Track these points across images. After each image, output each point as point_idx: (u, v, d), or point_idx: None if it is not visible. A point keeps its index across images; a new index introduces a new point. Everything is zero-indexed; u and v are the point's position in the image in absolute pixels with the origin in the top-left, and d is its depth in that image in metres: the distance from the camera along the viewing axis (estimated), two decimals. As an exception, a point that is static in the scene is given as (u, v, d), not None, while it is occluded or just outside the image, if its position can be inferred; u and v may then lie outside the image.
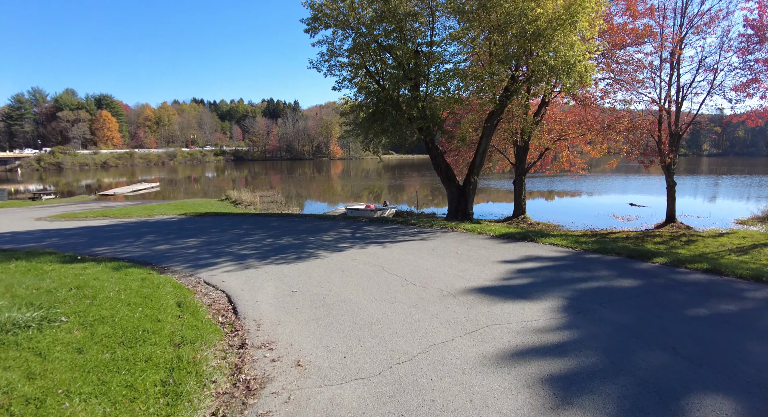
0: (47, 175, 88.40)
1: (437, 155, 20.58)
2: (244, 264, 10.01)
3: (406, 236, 12.86)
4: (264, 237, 13.64)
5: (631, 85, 21.91)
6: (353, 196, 45.49)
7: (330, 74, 20.33)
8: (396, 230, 13.99)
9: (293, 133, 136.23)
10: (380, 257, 9.97)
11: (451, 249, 10.75)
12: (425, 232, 13.42)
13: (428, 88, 19.15)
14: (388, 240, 12.29)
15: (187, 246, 12.78)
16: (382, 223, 15.54)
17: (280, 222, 16.94)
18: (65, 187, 62.28)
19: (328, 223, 16.26)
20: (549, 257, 9.79)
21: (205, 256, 11.18)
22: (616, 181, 52.69)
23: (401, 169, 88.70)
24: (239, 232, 14.93)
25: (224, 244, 12.65)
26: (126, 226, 17.70)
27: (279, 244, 12.36)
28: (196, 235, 14.69)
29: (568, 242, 11.24)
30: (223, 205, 32.77)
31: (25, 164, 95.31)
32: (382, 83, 19.68)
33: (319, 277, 8.36)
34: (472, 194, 20.72)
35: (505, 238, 12.19)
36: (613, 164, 25.10)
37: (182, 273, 9.55)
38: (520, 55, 15.36)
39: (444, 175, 20.75)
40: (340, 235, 13.38)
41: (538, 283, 7.65)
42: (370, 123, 19.44)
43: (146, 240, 14.21)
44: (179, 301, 6.94)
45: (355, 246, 11.54)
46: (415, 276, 8.19)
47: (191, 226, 16.86)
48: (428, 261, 9.46)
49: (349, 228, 14.81)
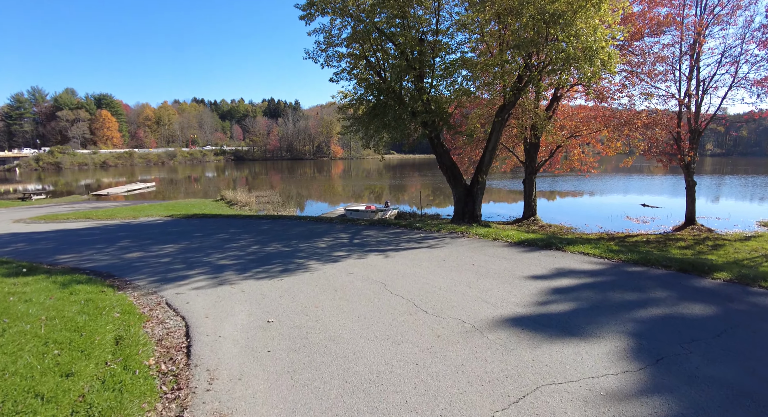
0: (46, 175, 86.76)
1: (442, 153, 18.82)
2: (220, 278, 8.28)
3: (411, 243, 11.12)
4: (250, 243, 11.91)
5: (650, 77, 20.17)
6: (354, 196, 43.76)
7: (327, 65, 18.59)
8: (399, 235, 12.25)
9: (294, 133, 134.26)
10: (382, 271, 8.23)
11: (465, 260, 9.00)
12: (432, 238, 11.68)
13: (433, 80, 17.41)
14: (391, 248, 10.55)
15: (161, 254, 11.06)
16: (383, 227, 13.80)
17: (271, 225, 15.20)
18: (64, 186, 60.60)
19: (323, 226, 14.52)
20: (585, 271, 8.04)
21: (177, 267, 9.47)
22: (619, 181, 50.85)
23: (402, 169, 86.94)
24: (224, 236, 13.20)
25: (203, 252, 10.92)
26: (104, 230, 15.98)
27: (265, 252, 10.61)
28: (176, 240, 12.97)
29: (602, 251, 9.48)
30: (218, 205, 31.05)
31: (24, 164, 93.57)
32: (383, 75, 17.94)
33: (306, 299, 6.62)
34: (480, 195, 18.96)
35: (526, 245, 10.45)
36: (629, 163, 23.35)
37: (144, 289, 7.83)
38: (537, 41, 13.61)
39: (449, 173, 19.00)
40: (336, 242, 11.64)
41: (584, 309, 5.91)
42: (371, 118, 17.70)
43: (120, 246, 12.48)
44: (119, 336, 5.21)
45: (352, 255, 9.80)
46: (426, 299, 6.45)
47: (174, 230, 15.13)
48: (440, 276, 7.72)
49: (346, 233, 13.07)
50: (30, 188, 52.99)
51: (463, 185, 18.97)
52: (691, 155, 20.82)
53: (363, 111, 18.38)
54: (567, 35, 13.55)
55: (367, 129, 18.17)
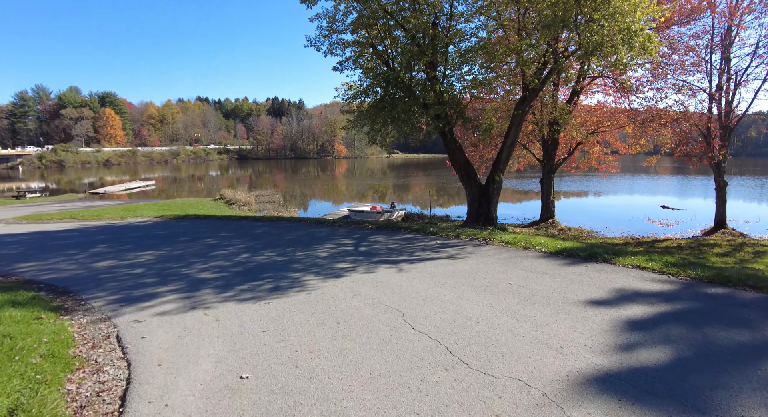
0: (49, 173, 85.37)
1: (455, 149, 17.04)
2: (194, 299, 6.53)
3: (427, 252, 9.34)
4: (239, 250, 10.14)
5: (682, 69, 18.35)
6: (358, 195, 41.99)
7: (331, 53, 16.83)
8: (412, 242, 10.47)
9: (298, 132, 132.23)
10: (397, 291, 6.46)
11: (498, 276, 7.22)
12: (451, 246, 9.89)
13: (446, 69, 15.62)
14: (404, 258, 8.77)
15: (136, 262, 9.32)
16: (392, 232, 12.01)
17: (266, 228, 13.43)
18: (66, 185, 59.04)
19: (325, 230, 12.75)
20: (653, 293, 6.25)
21: (149, 281, 7.73)
22: (627, 181, 48.80)
23: (406, 169, 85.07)
24: (212, 242, 11.45)
25: (183, 261, 9.17)
26: (84, 232, 14.28)
27: (255, 262, 8.85)
28: (158, 245, 11.23)
29: (660, 265, 7.68)
30: (216, 205, 29.32)
31: (27, 162, 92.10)
32: (391, 64, 16.18)
33: (297, 337, 4.85)
34: (496, 195, 17.18)
35: (566, 256, 8.65)
36: (653, 161, 21.52)
37: (97, 313, 6.11)
38: (567, 20, 11.82)
39: (463, 172, 17.22)
40: (339, 249, 9.86)
41: (690, 359, 4.13)
42: (378, 111, 15.94)
43: (93, 252, 10.76)
44: (16, 405, 3.46)
45: (358, 268, 8.03)
46: (462, 339, 4.67)
47: (159, 233, 13.40)
48: (473, 301, 5.94)
49: (351, 238, 11.30)
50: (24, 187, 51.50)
51: (478, 185, 17.22)
52: (722, 153, 18.99)
53: (369, 104, 16.64)
54: (602, 15, 11.77)
55: (373, 123, 16.41)
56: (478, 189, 17.12)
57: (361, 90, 16.76)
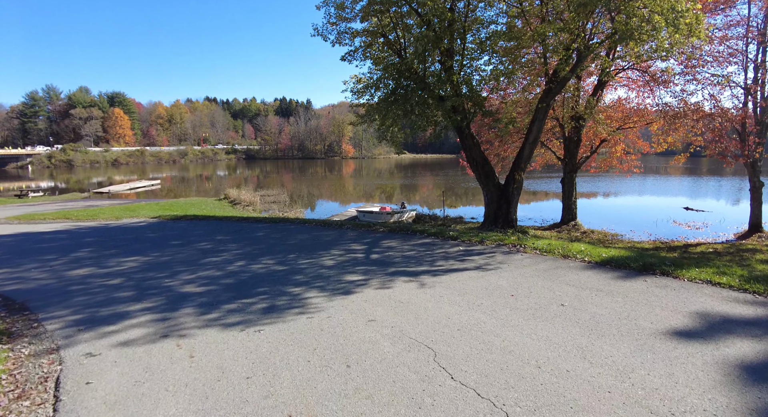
0: (58, 173, 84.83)
1: (472, 145, 15.64)
2: (169, 322, 5.22)
3: (450, 260, 7.97)
4: (235, 257, 8.82)
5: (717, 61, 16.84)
6: (365, 195, 40.63)
7: (339, 43, 15.50)
8: (431, 248, 9.09)
9: (305, 132, 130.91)
10: (421, 316, 5.09)
11: (544, 294, 5.84)
12: (477, 253, 8.51)
13: (464, 58, 14.23)
14: (425, 268, 7.40)
15: (115, 271, 8.03)
16: (407, 236, 10.64)
17: (268, 231, 12.11)
18: (75, 184, 58.14)
19: (332, 233, 11.40)
20: (748, 320, 4.84)
21: (122, 296, 6.43)
22: (635, 181, 46.87)
23: (414, 168, 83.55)
24: (206, 246, 10.15)
25: (169, 270, 7.87)
26: (72, 234, 13.06)
27: (250, 272, 7.51)
28: (146, 250, 9.95)
29: (738, 280, 6.26)
30: (220, 205, 28.10)
31: (37, 161, 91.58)
32: (403, 54, 14.83)
33: (292, 392, 3.48)
34: (516, 195, 15.77)
35: (615, 267, 7.25)
36: (680, 160, 20.01)
37: (46, 342, 4.83)
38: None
39: (481, 170, 15.82)
40: (348, 257, 8.51)
41: None
42: (389, 104, 14.59)
43: (73, 257, 9.49)
44: None
45: (372, 281, 6.67)
46: (525, 398, 3.29)
47: (151, 236, 12.12)
48: (524, 332, 4.56)
49: (361, 243, 9.94)
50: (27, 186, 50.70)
51: (496, 184, 15.82)
52: (758, 152, 17.46)
53: (380, 97, 15.31)
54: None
55: (384, 118, 15.06)
56: (497, 189, 15.74)
57: (371, 83, 15.42)
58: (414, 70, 14.42)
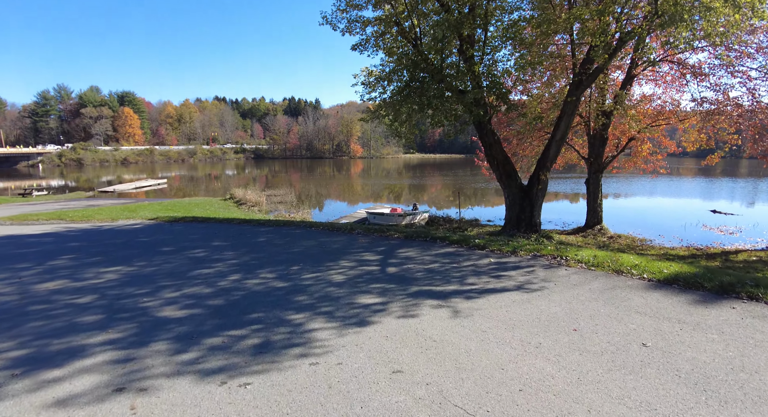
0: (68, 171, 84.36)
1: (493, 143, 14.28)
2: (131, 366, 3.94)
3: (481, 276, 6.63)
4: (230, 268, 7.55)
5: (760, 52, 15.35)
6: (373, 195, 39.32)
7: (349, 33, 14.24)
8: (456, 259, 7.75)
9: (314, 132, 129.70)
10: (464, 365, 3.76)
11: (613, 327, 4.49)
12: (511, 266, 7.17)
13: (486, 46, 12.87)
14: (454, 287, 6.06)
15: (90, 285, 6.80)
16: (425, 243, 9.31)
17: (270, 235, 10.84)
18: (85, 183, 57.36)
19: (341, 239, 10.10)
20: None
21: (86, 321, 5.19)
22: (646, 182, 44.97)
23: (422, 168, 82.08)
24: (199, 254, 8.89)
25: (152, 285, 6.62)
26: (59, 238, 11.88)
27: (244, 289, 6.22)
28: (132, 258, 8.71)
29: None
30: (225, 205, 26.91)
31: (47, 160, 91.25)
32: (418, 44, 13.52)
33: None
34: (540, 197, 14.42)
35: (683, 287, 5.88)
36: (714, 159, 18.48)
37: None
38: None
39: (502, 170, 14.47)
40: (360, 269, 7.20)
41: None
42: (404, 98, 13.30)
43: (49, 267, 8.29)
44: None
45: (391, 306, 5.36)
46: None
47: (143, 240, 10.91)
48: (612, 395, 3.22)
49: (374, 251, 8.63)
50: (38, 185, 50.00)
51: (519, 185, 14.47)
52: (802, 151, 15.97)
53: (393, 90, 14.01)
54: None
55: (397, 113, 13.76)
56: (520, 190, 14.38)
57: (383, 75, 14.11)
58: (430, 61, 13.12)
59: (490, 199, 33.81)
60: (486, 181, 49.21)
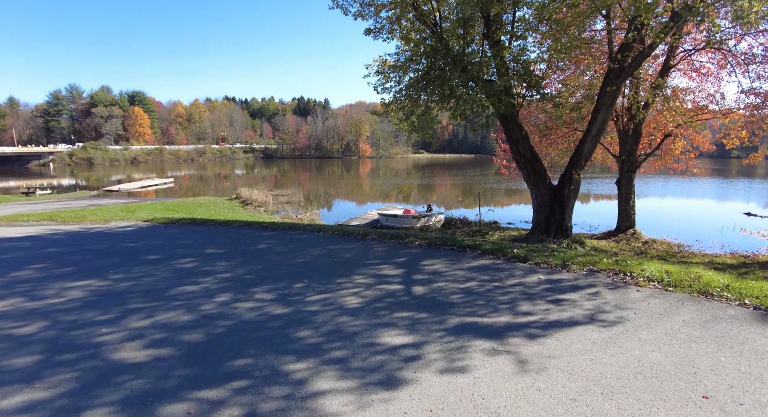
0: (78, 170, 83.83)
1: (520, 138, 12.75)
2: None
3: (537, 301, 5.13)
4: (219, 285, 6.11)
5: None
6: (382, 195, 37.84)
7: (361, 17, 12.77)
8: (496, 275, 6.26)
9: (323, 131, 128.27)
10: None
11: (752, 389, 3.01)
12: (568, 286, 5.67)
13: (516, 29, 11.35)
14: (506, 319, 4.57)
15: (42, 308, 5.41)
16: (453, 253, 7.82)
17: (273, 242, 9.41)
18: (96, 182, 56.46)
19: (353, 246, 8.64)
20: None
21: (11, 366, 3.77)
22: (659, 183, 42.94)
23: (431, 168, 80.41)
24: (188, 264, 7.48)
25: (117, 308, 5.21)
26: (37, 242, 10.55)
27: (232, 318, 4.77)
28: (108, 270, 7.32)
29: None
30: (230, 205, 25.59)
31: (58, 159, 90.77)
32: (438, 30, 12.04)
33: None
34: (572, 199, 12.89)
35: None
36: (757, 158, 16.79)
37: None
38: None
39: (530, 168, 12.95)
40: (379, 290, 5.73)
41: None
42: (424, 87, 11.84)
43: (9, 279, 6.96)
44: None
45: (427, 351, 3.88)
46: None
47: (129, 246, 9.53)
48: None
49: (393, 263, 7.16)
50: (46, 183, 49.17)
51: (548, 185, 12.94)
52: None
53: (409, 80, 12.55)
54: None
55: (415, 104, 12.30)
56: (549, 190, 12.85)
57: (399, 64, 12.65)
58: (451, 47, 11.64)
59: (499, 200, 32.12)
60: (497, 181, 47.55)
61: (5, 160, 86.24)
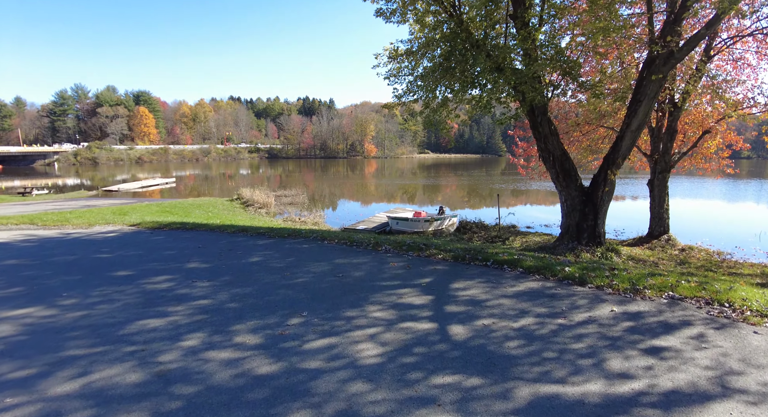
0: (83, 170, 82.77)
1: (548, 134, 11.20)
2: None
3: (627, 352, 3.61)
4: (191, 319, 4.62)
5: None
6: (388, 195, 36.30)
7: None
8: (556, 306, 4.74)
9: (328, 131, 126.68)
10: None
11: None
12: (656, 325, 4.14)
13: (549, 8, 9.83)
14: (598, 389, 3.06)
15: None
16: (487, 270, 6.30)
17: (269, 253, 7.92)
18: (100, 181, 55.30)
19: (364, 261, 7.13)
20: None
21: None
22: (690, 183, 41.09)
23: (437, 168, 78.80)
24: (162, 284, 6.00)
25: (45, 359, 3.72)
26: (2, 250, 9.12)
27: (195, 382, 3.27)
28: (59, 292, 5.85)
29: None
30: (230, 206, 24.11)
31: (63, 159, 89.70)
32: (457, 12, 10.52)
33: None
34: (606, 202, 11.34)
35: None
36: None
37: None
38: None
39: (558, 168, 11.39)
40: (403, 331, 4.22)
41: None
42: (443, 73, 10.32)
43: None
44: None
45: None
46: None
47: (101, 257, 8.06)
48: None
49: (417, 287, 5.64)
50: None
51: (580, 187, 11.39)
52: None
53: (424, 69, 11.04)
54: None
55: (432, 91, 10.76)
56: (580, 193, 11.30)
57: (413, 51, 11.14)
58: (471, 31, 10.12)
59: (506, 201, 30.37)
60: (503, 181, 45.91)
61: (11, 159, 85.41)
